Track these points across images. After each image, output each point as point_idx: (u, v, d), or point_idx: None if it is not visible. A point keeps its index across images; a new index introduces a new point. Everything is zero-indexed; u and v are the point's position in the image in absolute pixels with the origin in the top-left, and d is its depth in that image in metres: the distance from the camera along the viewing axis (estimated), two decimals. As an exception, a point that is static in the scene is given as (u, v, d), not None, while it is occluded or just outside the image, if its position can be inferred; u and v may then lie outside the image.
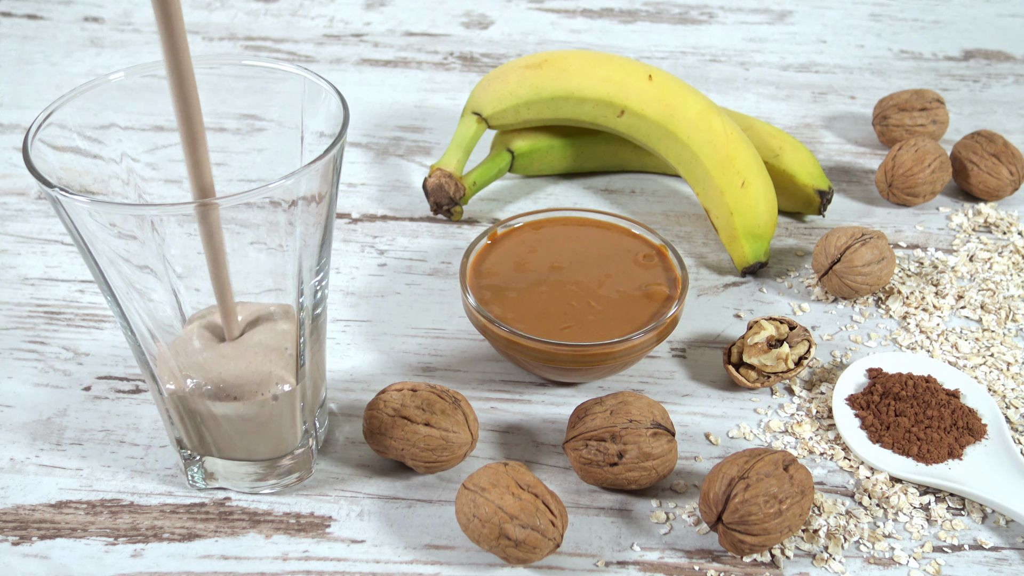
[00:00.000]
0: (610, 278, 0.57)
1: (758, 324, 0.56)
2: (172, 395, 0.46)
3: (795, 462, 0.47)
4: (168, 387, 0.46)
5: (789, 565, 0.48)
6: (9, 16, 0.93)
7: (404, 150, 0.76)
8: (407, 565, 0.48)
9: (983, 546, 0.49)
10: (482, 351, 0.59)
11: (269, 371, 0.46)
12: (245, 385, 0.45)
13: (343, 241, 0.67)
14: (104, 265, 0.42)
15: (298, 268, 0.45)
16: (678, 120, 0.65)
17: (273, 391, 0.46)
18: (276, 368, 0.46)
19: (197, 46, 0.89)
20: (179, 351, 0.45)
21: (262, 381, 0.46)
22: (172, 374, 0.45)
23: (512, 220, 0.61)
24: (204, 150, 0.40)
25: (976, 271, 0.64)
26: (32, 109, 0.80)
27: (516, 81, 0.67)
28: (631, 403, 0.50)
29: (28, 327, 0.60)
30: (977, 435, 0.52)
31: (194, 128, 0.39)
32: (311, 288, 0.46)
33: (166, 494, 0.50)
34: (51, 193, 0.39)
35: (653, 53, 0.89)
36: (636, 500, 0.51)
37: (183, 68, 0.38)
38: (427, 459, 0.49)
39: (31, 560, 0.48)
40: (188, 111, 0.39)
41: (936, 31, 0.93)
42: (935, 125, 0.74)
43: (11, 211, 0.69)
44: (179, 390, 0.46)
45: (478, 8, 0.95)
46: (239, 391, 0.45)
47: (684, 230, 0.69)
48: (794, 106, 0.82)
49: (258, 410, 0.46)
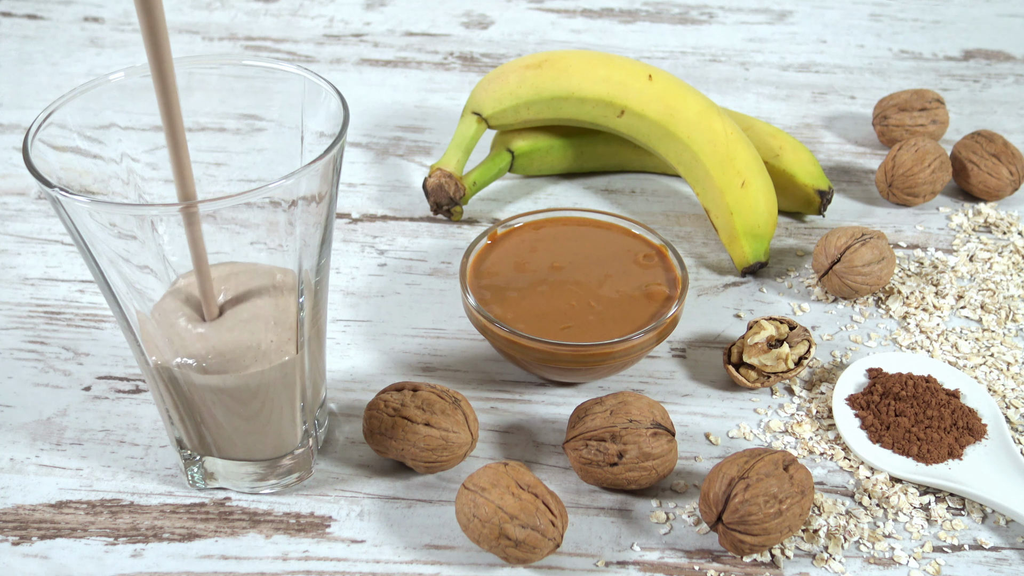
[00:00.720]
0: (610, 278, 0.57)
1: (758, 324, 0.56)
2: (167, 376, 0.45)
3: (795, 462, 0.47)
4: (159, 363, 0.45)
5: (789, 565, 0.48)
6: (9, 16, 0.93)
7: (404, 150, 0.76)
8: (407, 565, 0.48)
9: (983, 546, 0.49)
10: (482, 351, 0.59)
11: (269, 340, 0.45)
12: (244, 356, 0.45)
13: (343, 241, 0.67)
14: (104, 265, 0.42)
15: (298, 268, 0.45)
16: (678, 120, 0.65)
17: (274, 361, 0.45)
18: (276, 337, 0.45)
19: (197, 46, 0.89)
20: (164, 325, 0.44)
21: (263, 350, 0.45)
22: (157, 349, 0.45)
23: (512, 220, 0.61)
24: (186, 157, 0.40)
25: (976, 271, 0.64)
26: (32, 109, 0.80)
27: (516, 81, 0.67)
28: (631, 403, 0.50)
29: (28, 327, 0.60)
30: (977, 435, 0.52)
31: (176, 137, 0.40)
32: (311, 288, 0.46)
33: (166, 494, 0.50)
34: (51, 193, 0.39)
35: (653, 53, 0.89)
36: (636, 500, 0.51)
37: (166, 76, 0.38)
38: (427, 459, 0.49)
39: (31, 560, 0.48)
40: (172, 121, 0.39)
41: (936, 31, 0.93)
42: (935, 125, 0.74)
43: (11, 211, 0.69)
44: (165, 363, 0.45)
45: (478, 8, 0.95)
46: (238, 363, 0.45)
47: (684, 230, 0.69)
48: (794, 106, 0.82)
49: (259, 382, 0.45)
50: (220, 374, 0.44)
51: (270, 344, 0.45)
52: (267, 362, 0.45)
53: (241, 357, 0.44)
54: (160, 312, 0.45)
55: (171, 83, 0.39)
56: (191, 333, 0.44)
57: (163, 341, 0.44)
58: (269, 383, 0.46)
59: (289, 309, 0.45)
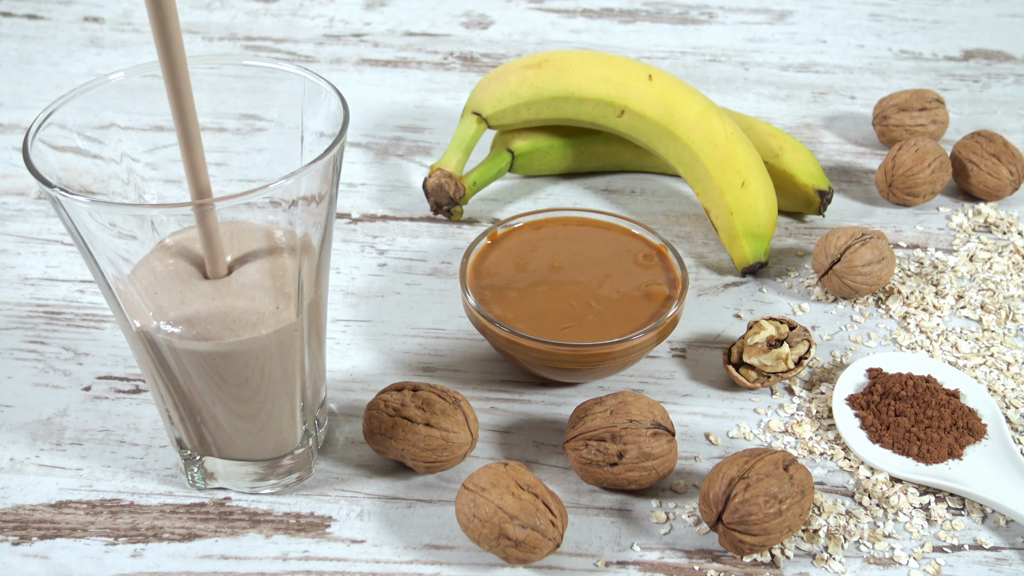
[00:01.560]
0: (610, 278, 0.57)
1: (758, 324, 0.56)
2: (150, 342, 0.44)
3: (795, 462, 0.47)
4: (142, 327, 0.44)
5: (789, 565, 0.48)
6: (9, 16, 0.93)
7: (404, 150, 0.76)
8: (407, 565, 0.48)
9: (983, 546, 0.49)
10: (482, 351, 0.59)
11: (269, 304, 0.44)
12: (243, 319, 0.43)
13: (343, 241, 0.67)
14: (104, 265, 0.42)
15: (298, 268, 0.45)
16: (678, 120, 0.65)
17: (274, 325, 0.44)
18: (275, 300, 0.44)
19: (197, 46, 0.89)
20: (151, 285, 0.43)
21: (260, 314, 0.44)
22: (140, 312, 0.43)
23: (512, 220, 0.61)
24: (200, 152, 0.40)
25: (976, 271, 0.64)
26: (32, 109, 0.80)
27: (516, 81, 0.67)
28: (631, 403, 0.50)
29: (28, 327, 0.60)
30: (977, 435, 0.52)
31: (189, 130, 0.39)
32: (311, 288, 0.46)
33: (166, 494, 0.50)
34: (51, 193, 0.39)
35: (653, 53, 0.89)
36: (636, 500, 0.51)
37: (179, 72, 0.38)
38: (427, 459, 0.49)
39: (31, 560, 0.48)
40: (183, 114, 0.39)
41: (936, 31, 0.93)
42: (935, 125, 0.74)
43: (11, 211, 0.69)
44: (148, 330, 0.43)
45: (478, 8, 0.95)
46: (237, 327, 0.43)
47: (684, 230, 0.69)
48: (794, 106, 0.82)
49: (261, 346, 0.44)
50: (217, 340, 0.43)
51: (271, 308, 0.44)
52: (266, 327, 0.44)
53: (242, 319, 0.43)
54: (150, 271, 0.43)
55: (183, 76, 0.38)
56: (193, 292, 0.43)
57: (151, 303, 0.43)
58: (268, 350, 0.45)
59: (290, 270, 0.44)
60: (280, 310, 0.44)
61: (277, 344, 0.45)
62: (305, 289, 0.45)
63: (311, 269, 0.45)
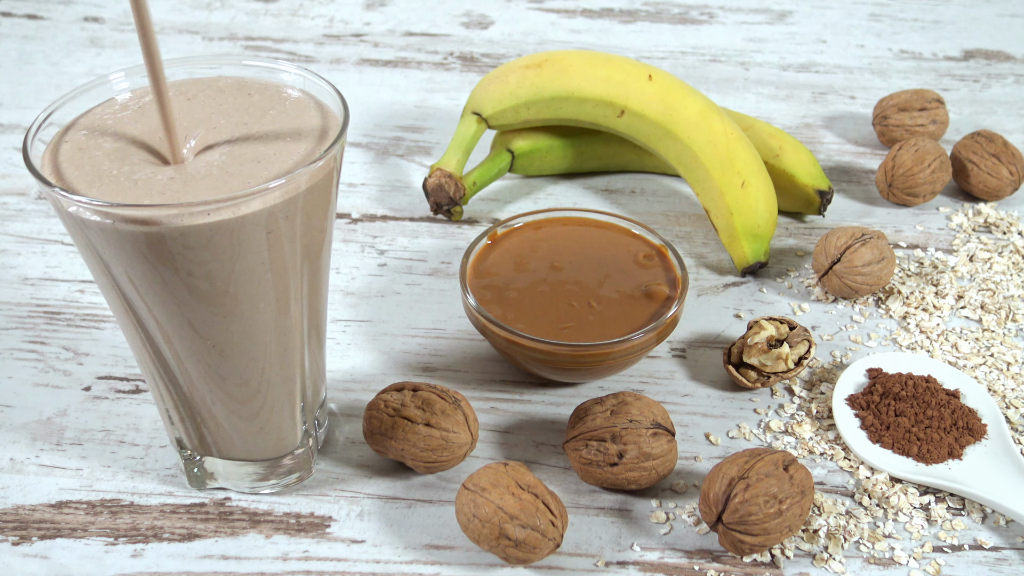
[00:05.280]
0: (610, 278, 0.57)
1: (758, 324, 0.56)
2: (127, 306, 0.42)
3: (795, 462, 0.47)
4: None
5: (789, 565, 0.48)
6: (9, 16, 0.93)
7: (404, 150, 0.76)
8: (407, 565, 0.48)
9: (983, 546, 0.49)
10: (482, 351, 0.59)
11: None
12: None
13: (343, 241, 0.67)
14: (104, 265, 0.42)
15: (298, 269, 0.45)
16: (678, 120, 0.65)
17: (274, 326, 0.43)
18: (275, 301, 0.43)
19: (197, 46, 0.89)
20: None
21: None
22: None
23: (512, 220, 0.61)
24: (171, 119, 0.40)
25: (976, 271, 0.64)
26: (32, 109, 0.80)
27: (516, 81, 0.67)
28: (631, 403, 0.50)
29: (28, 327, 0.60)
30: (977, 435, 0.52)
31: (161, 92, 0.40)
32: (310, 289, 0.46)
33: (166, 494, 0.50)
34: (51, 193, 0.39)
35: (653, 53, 0.89)
36: (636, 500, 0.51)
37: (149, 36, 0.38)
38: (427, 459, 0.49)
39: (31, 560, 0.48)
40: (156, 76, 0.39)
41: (936, 31, 0.93)
42: (935, 125, 0.74)
43: (11, 211, 0.69)
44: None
45: (478, 8, 0.95)
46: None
47: (684, 230, 0.69)
48: (794, 106, 0.82)
49: (257, 249, 0.41)
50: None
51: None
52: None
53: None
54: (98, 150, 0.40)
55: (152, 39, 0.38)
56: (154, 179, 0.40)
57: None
58: (268, 347, 0.43)
59: (290, 270, 0.43)
60: (280, 310, 0.44)
61: (277, 344, 0.45)
62: (305, 289, 0.45)
63: (311, 269, 0.45)
